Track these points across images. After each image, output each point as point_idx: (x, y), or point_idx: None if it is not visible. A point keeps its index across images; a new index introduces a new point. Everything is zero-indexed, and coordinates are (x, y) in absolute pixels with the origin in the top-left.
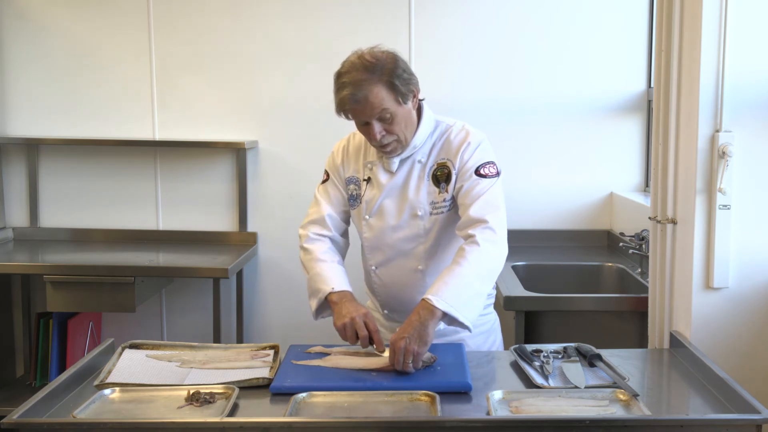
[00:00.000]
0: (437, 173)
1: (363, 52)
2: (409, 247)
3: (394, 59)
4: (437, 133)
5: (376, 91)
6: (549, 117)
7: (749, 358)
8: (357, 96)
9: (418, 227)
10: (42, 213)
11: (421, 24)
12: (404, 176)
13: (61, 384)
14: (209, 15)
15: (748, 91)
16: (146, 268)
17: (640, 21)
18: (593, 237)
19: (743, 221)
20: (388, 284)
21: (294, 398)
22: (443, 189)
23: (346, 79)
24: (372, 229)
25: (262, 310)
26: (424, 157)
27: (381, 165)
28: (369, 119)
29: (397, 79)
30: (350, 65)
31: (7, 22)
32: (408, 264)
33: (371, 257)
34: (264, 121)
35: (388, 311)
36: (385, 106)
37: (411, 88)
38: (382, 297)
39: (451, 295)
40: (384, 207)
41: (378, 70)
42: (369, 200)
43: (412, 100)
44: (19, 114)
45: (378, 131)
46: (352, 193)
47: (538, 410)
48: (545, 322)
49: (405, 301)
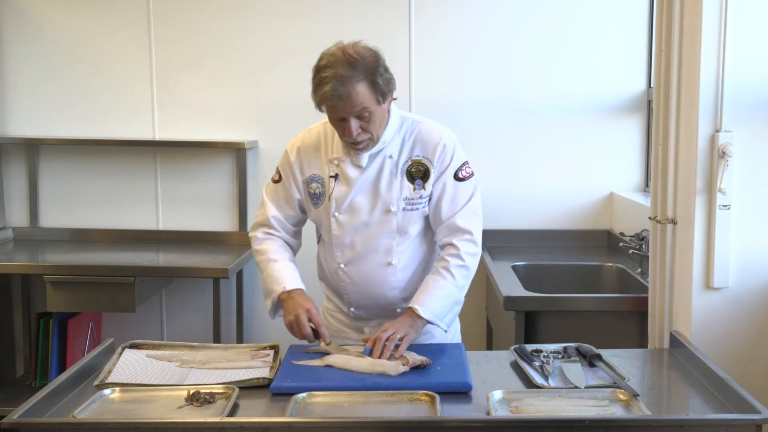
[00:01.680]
0: (411, 170)
1: (345, 46)
2: (381, 242)
3: (377, 57)
4: (405, 129)
5: (359, 88)
6: (549, 117)
7: (749, 358)
8: (339, 92)
9: (391, 223)
10: (42, 213)
11: (421, 24)
12: (375, 172)
13: (61, 384)
14: (209, 15)
15: (748, 91)
16: (146, 268)
17: (640, 21)
18: (593, 237)
19: (743, 221)
20: (357, 282)
21: (294, 398)
22: (419, 186)
23: (328, 74)
24: (342, 225)
25: (262, 310)
26: (395, 152)
27: (349, 161)
28: (347, 116)
29: (380, 78)
30: (332, 58)
31: (7, 22)
32: (379, 259)
33: (340, 254)
34: (264, 121)
35: (355, 309)
36: (365, 104)
37: (390, 88)
38: (351, 295)
39: (436, 306)
40: (355, 203)
41: (361, 68)
42: (339, 197)
43: (388, 100)
44: (19, 114)
45: (354, 128)
46: (315, 191)
47: (538, 410)
48: (545, 322)
49: (375, 297)
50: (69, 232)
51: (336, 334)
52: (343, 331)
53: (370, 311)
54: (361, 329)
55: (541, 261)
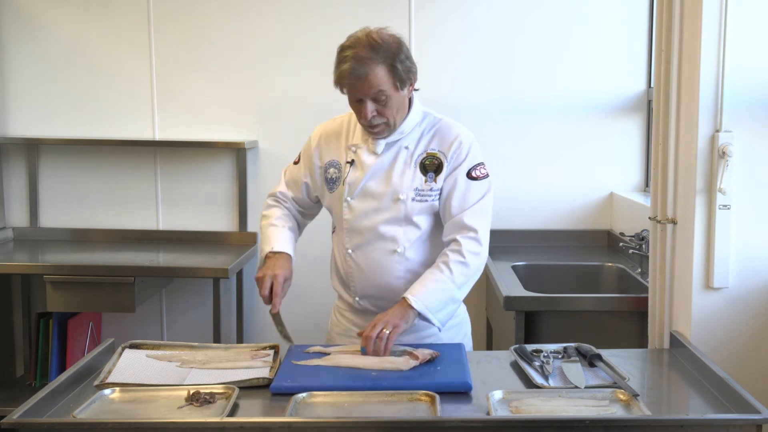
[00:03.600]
0: (426, 162)
1: (371, 30)
2: (388, 230)
3: (399, 44)
4: (426, 124)
5: (377, 71)
6: (549, 117)
7: (749, 358)
8: (357, 72)
9: (399, 211)
10: (42, 213)
11: (421, 24)
12: (390, 160)
13: (61, 384)
14: (209, 15)
15: (748, 91)
16: (146, 268)
17: (640, 21)
18: (593, 237)
19: (743, 221)
20: (364, 268)
21: (294, 398)
22: (431, 179)
23: (349, 53)
24: (353, 210)
25: (262, 310)
26: (412, 144)
27: (366, 147)
28: (364, 97)
29: (400, 64)
30: (355, 40)
31: (7, 22)
32: (385, 246)
33: (349, 240)
34: (264, 121)
35: (360, 299)
36: (382, 87)
37: (410, 76)
38: (357, 282)
39: (429, 297)
40: (367, 189)
41: (382, 51)
42: (352, 182)
43: (408, 88)
44: (19, 114)
45: (370, 110)
46: (332, 176)
47: (538, 410)
48: (545, 322)
49: (381, 285)
50: (69, 232)
51: (344, 333)
52: (350, 329)
53: (375, 302)
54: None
55: (541, 261)
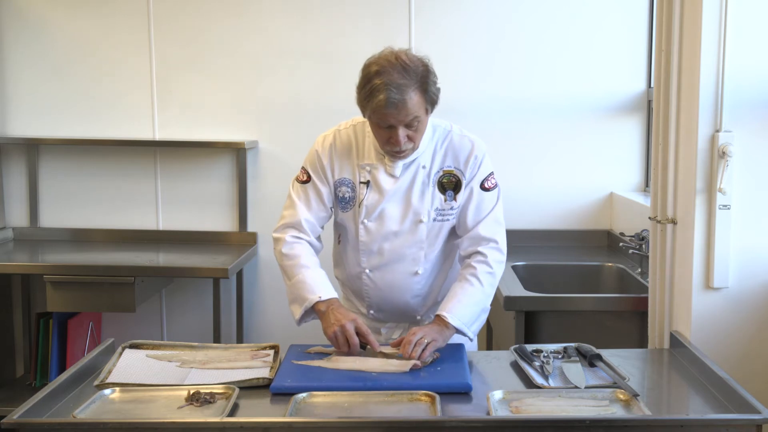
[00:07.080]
0: (443, 180)
1: (398, 52)
2: (409, 252)
3: (427, 66)
4: (437, 137)
5: (413, 96)
6: (549, 117)
7: (749, 358)
8: (395, 99)
9: (420, 233)
10: (42, 213)
11: (421, 24)
12: (409, 181)
13: (61, 384)
14: (209, 15)
15: (748, 91)
16: (146, 268)
17: (640, 21)
18: (593, 237)
19: (743, 221)
20: (381, 287)
21: (294, 398)
22: (450, 197)
23: (385, 80)
24: (370, 232)
25: (262, 310)
26: (428, 162)
27: (383, 168)
28: (398, 124)
29: (431, 87)
30: (386, 63)
31: (7, 22)
32: (406, 268)
33: (366, 260)
34: (264, 121)
35: (375, 312)
36: (417, 113)
37: (437, 99)
38: (373, 299)
39: (464, 313)
40: (385, 212)
41: (413, 74)
42: (370, 205)
43: (431, 110)
44: (19, 114)
45: (402, 137)
46: (344, 195)
47: (538, 410)
48: (545, 322)
49: (397, 302)
50: (69, 232)
51: None
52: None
53: (389, 315)
54: (377, 330)
55: (541, 261)
